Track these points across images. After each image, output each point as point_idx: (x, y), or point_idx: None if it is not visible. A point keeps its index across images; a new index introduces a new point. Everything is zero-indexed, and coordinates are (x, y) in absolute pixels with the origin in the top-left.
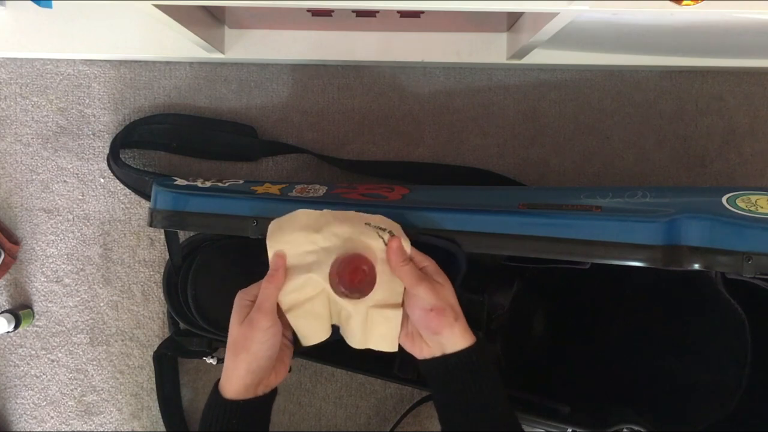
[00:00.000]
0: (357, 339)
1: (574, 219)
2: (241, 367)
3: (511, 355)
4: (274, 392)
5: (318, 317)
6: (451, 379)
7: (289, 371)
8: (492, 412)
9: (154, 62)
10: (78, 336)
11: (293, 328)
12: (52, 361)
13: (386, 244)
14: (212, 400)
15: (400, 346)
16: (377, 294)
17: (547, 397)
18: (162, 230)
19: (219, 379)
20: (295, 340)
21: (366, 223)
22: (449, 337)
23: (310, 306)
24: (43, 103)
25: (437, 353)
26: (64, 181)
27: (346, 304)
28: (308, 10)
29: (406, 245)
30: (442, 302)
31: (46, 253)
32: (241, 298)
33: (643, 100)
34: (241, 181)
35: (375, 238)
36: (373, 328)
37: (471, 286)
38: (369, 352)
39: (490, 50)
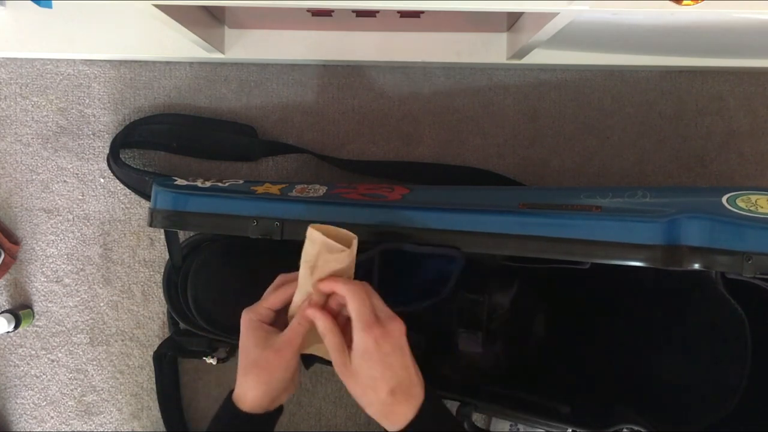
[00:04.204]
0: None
1: (574, 219)
2: (261, 388)
3: (511, 355)
4: (281, 408)
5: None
6: None
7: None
8: None
9: (154, 62)
10: (78, 336)
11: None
12: (52, 361)
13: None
14: (227, 410)
15: None
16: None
17: (547, 397)
18: (162, 230)
19: (233, 390)
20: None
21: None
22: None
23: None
24: (43, 103)
25: None
26: (64, 181)
27: None
28: (308, 10)
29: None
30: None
31: (46, 253)
32: (250, 319)
33: (643, 100)
34: (241, 181)
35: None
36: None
37: (471, 286)
38: None
39: (490, 50)
